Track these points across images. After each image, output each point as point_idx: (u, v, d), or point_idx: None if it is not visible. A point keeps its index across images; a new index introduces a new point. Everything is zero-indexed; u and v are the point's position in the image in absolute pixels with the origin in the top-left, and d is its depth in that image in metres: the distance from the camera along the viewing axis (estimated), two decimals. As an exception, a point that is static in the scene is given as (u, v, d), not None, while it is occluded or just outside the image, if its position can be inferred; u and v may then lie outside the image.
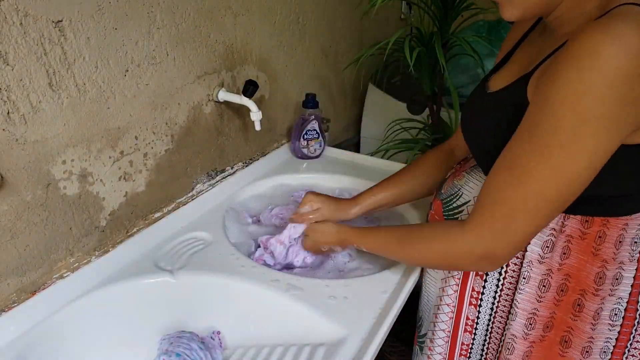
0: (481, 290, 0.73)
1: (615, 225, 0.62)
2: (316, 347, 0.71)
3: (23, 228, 0.70)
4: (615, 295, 0.63)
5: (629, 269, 0.62)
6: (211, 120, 1.02)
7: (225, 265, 0.85)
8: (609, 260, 0.62)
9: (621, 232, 0.62)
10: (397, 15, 1.93)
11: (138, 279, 0.82)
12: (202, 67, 0.96)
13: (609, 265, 0.63)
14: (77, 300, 0.76)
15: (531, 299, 0.68)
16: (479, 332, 0.76)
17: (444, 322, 0.79)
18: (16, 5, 0.62)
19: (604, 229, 0.62)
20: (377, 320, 0.73)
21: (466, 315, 0.76)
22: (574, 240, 0.64)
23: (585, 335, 0.65)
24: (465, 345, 0.78)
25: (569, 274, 0.65)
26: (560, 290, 0.66)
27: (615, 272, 0.62)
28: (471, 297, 0.75)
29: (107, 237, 0.84)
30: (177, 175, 0.97)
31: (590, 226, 0.63)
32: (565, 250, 0.65)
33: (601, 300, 0.64)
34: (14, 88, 0.64)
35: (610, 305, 0.63)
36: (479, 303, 0.74)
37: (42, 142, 0.70)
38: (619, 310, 0.63)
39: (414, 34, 1.26)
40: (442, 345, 0.81)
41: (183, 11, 0.88)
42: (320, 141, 1.27)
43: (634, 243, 0.62)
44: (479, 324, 0.76)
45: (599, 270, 0.63)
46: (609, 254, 0.62)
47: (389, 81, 1.60)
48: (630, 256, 0.62)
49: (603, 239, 0.62)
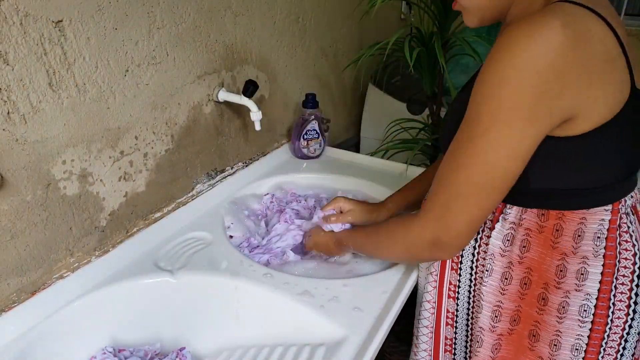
0: (457, 283, 0.75)
1: (572, 219, 0.63)
2: (316, 347, 0.71)
3: (23, 228, 0.70)
4: (583, 291, 0.63)
5: (595, 264, 0.62)
6: (211, 120, 1.02)
7: (225, 265, 0.85)
8: (569, 253, 0.63)
9: (579, 226, 0.63)
10: (397, 15, 1.93)
11: (138, 279, 0.82)
12: (202, 67, 0.96)
13: (569, 259, 0.63)
14: (77, 300, 0.76)
15: (494, 291, 0.69)
16: (459, 325, 0.78)
17: (426, 319, 0.80)
18: (16, 5, 0.62)
19: (560, 222, 0.63)
20: (377, 320, 0.73)
21: (446, 308, 0.77)
22: (532, 233, 0.66)
23: (551, 328, 0.66)
24: (449, 339, 0.79)
25: (530, 267, 0.67)
26: (524, 283, 0.68)
27: (578, 267, 0.63)
28: (449, 290, 0.76)
29: (107, 237, 0.84)
30: (177, 175, 0.97)
31: (547, 219, 0.64)
32: (525, 244, 0.66)
33: (565, 293, 0.64)
34: (14, 88, 0.64)
35: (578, 300, 0.64)
36: (457, 296, 0.76)
37: (42, 142, 0.70)
38: (588, 307, 0.63)
39: (414, 34, 1.26)
40: (427, 341, 0.82)
41: (183, 11, 0.88)
42: (320, 141, 1.27)
43: (597, 238, 0.62)
44: (459, 317, 0.77)
45: (559, 263, 0.64)
46: (568, 247, 0.63)
47: (389, 81, 1.60)
48: (594, 251, 0.62)
49: (560, 232, 0.64)
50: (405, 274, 0.84)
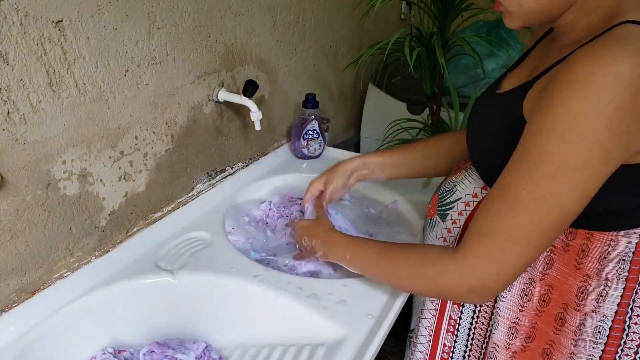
0: None
1: (600, 240, 0.60)
2: (316, 347, 0.71)
3: (23, 228, 0.70)
4: (600, 313, 0.62)
5: (616, 287, 0.61)
6: (211, 120, 1.02)
7: (225, 265, 0.85)
8: (592, 275, 0.61)
9: (606, 248, 0.60)
10: (397, 15, 1.93)
11: (138, 279, 0.82)
12: (202, 67, 0.96)
13: (592, 281, 0.61)
14: (77, 300, 0.76)
15: (513, 307, 0.67)
16: (460, 333, 0.76)
17: (427, 320, 0.79)
18: (16, 5, 0.62)
19: (587, 242, 0.61)
20: (377, 320, 0.73)
21: (449, 314, 0.76)
22: (557, 251, 0.63)
23: (566, 350, 0.64)
24: (447, 347, 0.78)
25: (552, 284, 0.64)
26: (542, 300, 0.65)
27: (599, 289, 0.61)
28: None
29: (107, 237, 0.84)
30: (177, 175, 0.97)
31: (573, 238, 0.62)
32: (548, 261, 0.64)
33: (583, 315, 0.62)
34: (14, 88, 0.64)
35: (593, 322, 0.62)
36: (462, 304, 0.74)
37: (42, 142, 0.70)
38: (603, 329, 0.62)
39: (414, 34, 1.26)
40: (424, 343, 0.81)
41: (183, 11, 0.88)
42: (320, 141, 1.27)
43: (622, 261, 0.60)
44: (461, 325, 0.75)
45: (582, 285, 0.62)
46: (592, 269, 0.61)
47: (389, 81, 1.60)
48: (617, 274, 0.60)
49: (586, 253, 0.61)
50: (405, 274, 0.84)
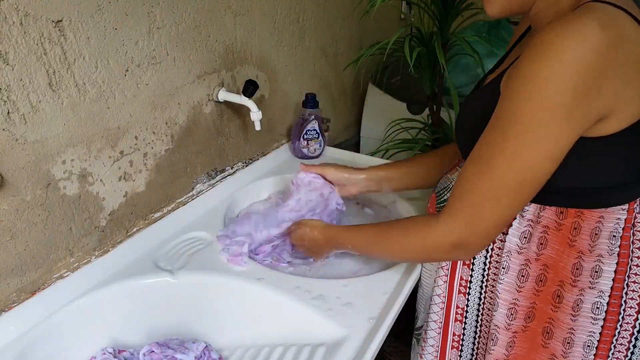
0: (469, 279, 0.75)
1: (590, 217, 0.63)
2: (316, 347, 0.71)
3: (23, 228, 0.70)
4: (597, 289, 0.63)
5: (609, 262, 0.63)
6: (211, 120, 1.02)
7: (225, 265, 0.85)
8: (585, 251, 0.63)
9: (597, 225, 0.63)
10: (397, 15, 1.93)
11: (138, 279, 0.82)
12: (202, 66, 0.96)
13: (585, 257, 0.63)
14: (77, 300, 0.76)
15: (511, 289, 0.69)
16: (469, 320, 0.77)
17: (435, 313, 0.80)
18: (16, 5, 0.62)
19: (578, 220, 0.63)
20: (377, 320, 0.73)
21: (456, 304, 0.77)
22: (550, 231, 0.65)
23: (565, 326, 0.66)
24: (457, 335, 0.79)
25: (547, 264, 0.66)
26: (539, 280, 0.67)
27: (593, 265, 0.63)
28: (460, 286, 0.76)
29: (107, 237, 0.84)
30: (177, 175, 0.97)
31: (565, 217, 0.64)
32: (542, 241, 0.66)
33: (579, 291, 0.64)
34: (14, 88, 0.64)
35: (591, 298, 0.64)
36: (468, 292, 0.75)
37: (42, 142, 0.70)
38: (601, 304, 0.64)
39: (414, 34, 1.26)
40: (435, 337, 0.81)
41: (183, 11, 0.88)
42: (320, 141, 1.27)
43: (613, 237, 0.62)
44: (469, 312, 0.77)
45: (576, 261, 0.64)
46: (585, 246, 0.63)
47: (389, 81, 1.60)
48: (609, 250, 0.62)
49: (578, 231, 0.63)
50: (405, 274, 0.84)
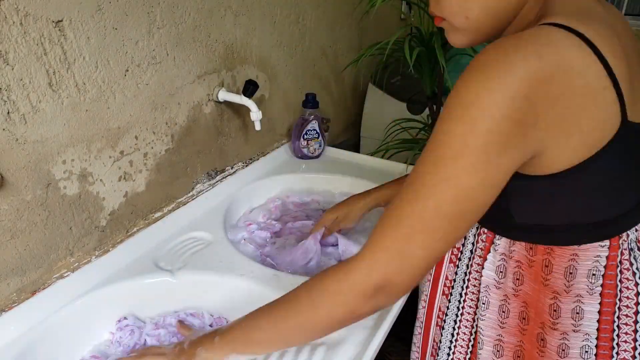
0: (445, 310, 0.72)
1: (561, 255, 0.58)
2: (316, 347, 0.71)
3: (23, 228, 0.70)
4: (581, 332, 0.59)
5: (590, 302, 0.58)
6: (211, 120, 1.03)
7: (225, 265, 0.85)
8: (560, 292, 0.59)
9: (570, 263, 0.58)
10: (397, 15, 1.93)
11: (138, 278, 0.82)
12: (202, 66, 0.96)
13: (562, 298, 0.59)
14: (77, 300, 0.76)
15: (494, 325, 0.66)
16: (441, 351, 0.75)
17: (414, 344, 0.80)
18: (16, 5, 0.62)
19: (549, 257, 0.59)
20: (377, 320, 0.73)
21: (433, 337, 0.76)
22: (523, 266, 0.62)
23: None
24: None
25: (526, 301, 0.63)
26: (522, 318, 0.64)
27: (573, 306, 0.59)
28: (438, 318, 0.74)
29: (107, 237, 0.84)
30: (177, 175, 0.97)
31: (535, 254, 0.60)
32: (518, 276, 0.63)
33: (561, 335, 0.60)
34: (14, 88, 0.64)
35: (577, 342, 0.59)
36: (443, 325, 0.74)
37: (42, 142, 0.70)
38: (589, 347, 0.59)
39: (414, 34, 1.26)
40: (416, 358, 0.82)
41: (183, 11, 0.88)
42: (320, 141, 1.27)
43: (592, 275, 0.57)
44: (442, 343, 0.74)
45: (552, 302, 0.60)
46: (560, 285, 0.59)
47: (389, 81, 1.60)
48: (588, 289, 0.58)
49: (550, 269, 0.59)
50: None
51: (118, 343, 0.77)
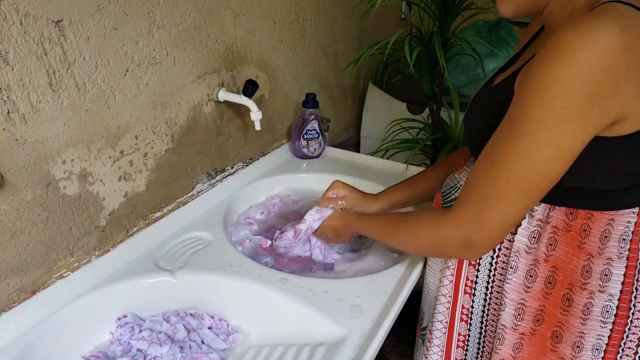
0: (474, 279, 0.74)
1: (600, 219, 0.62)
2: (316, 347, 0.71)
3: (23, 228, 0.70)
4: (606, 292, 0.63)
5: (618, 266, 0.62)
6: (211, 120, 1.02)
7: (225, 265, 0.85)
8: (595, 254, 0.63)
9: (607, 227, 0.62)
10: (397, 15, 1.93)
11: (138, 278, 0.82)
12: (202, 66, 0.96)
13: (595, 259, 0.63)
14: (77, 300, 0.76)
15: (519, 289, 0.69)
16: (474, 321, 0.77)
17: (441, 313, 0.80)
18: (16, 5, 0.62)
19: (588, 222, 0.63)
20: (377, 320, 0.73)
21: (462, 304, 0.77)
22: (559, 232, 0.65)
23: (575, 330, 0.65)
24: (462, 335, 0.79)
25: (556, 266, 0.66)
26: (548, 282, 0.67)
27: (603, 268, 0.63)
28: (465, 286, 0.76)
29: (107, 236, 0.84)
30: (177, 175, 0.97)
31: (574, 218, 0.63)
32: (552, 242, 0.66)
33: (589, 294, 0.64)
34: (14, 88, 0.64)
35: (601, 302, 0.63)
36: (473, 292, 0.75)
37: (42, 142, 0.70)
38: (611, 308, 0.63)
39: (414, 34, 1.26)
40: (440, 336, 0.81)
41: (183, 11, 0.88)
42: (320, 141, 1.27)
43: (622, 240, 0.62)
44: (474, 313, 0.77)
45: (585, 264, 0.64)
46: (594, 248, 0.63)
47: (389, 81, 1.60)
48: (618, 253, 0.62)
49: (588, 232, 0.63)
50: (405, 274, 0.84)
51: (118, 342, 0.77)
